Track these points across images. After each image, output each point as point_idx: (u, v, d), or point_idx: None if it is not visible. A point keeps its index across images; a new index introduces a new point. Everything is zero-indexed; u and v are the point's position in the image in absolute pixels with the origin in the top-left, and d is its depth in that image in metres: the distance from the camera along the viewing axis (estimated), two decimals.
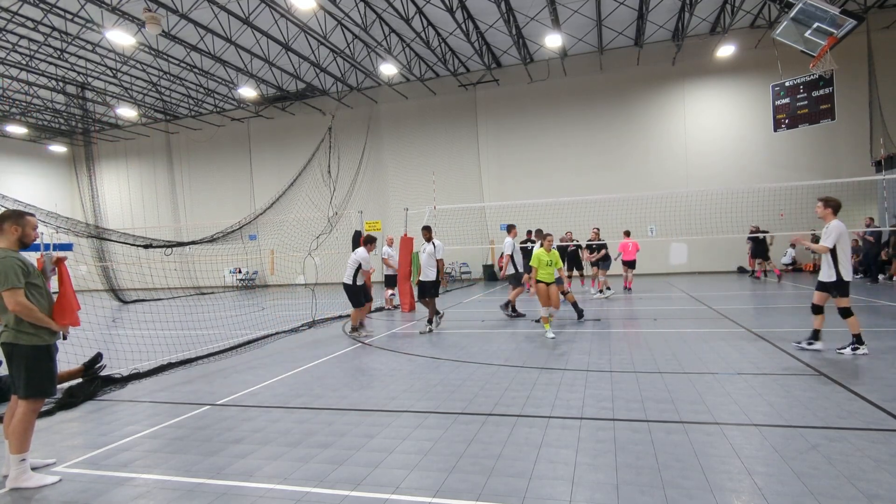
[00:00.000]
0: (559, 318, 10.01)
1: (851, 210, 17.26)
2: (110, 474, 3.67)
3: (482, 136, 23.36)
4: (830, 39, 9.01)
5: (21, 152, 28.43)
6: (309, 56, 20.17)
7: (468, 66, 22.53)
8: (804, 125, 11.15)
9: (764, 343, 6.97)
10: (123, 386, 6.20)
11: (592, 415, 4.40)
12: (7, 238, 3.67)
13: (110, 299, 19.01)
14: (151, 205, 28.74)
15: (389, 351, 7.72)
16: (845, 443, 3.57)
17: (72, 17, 15.74)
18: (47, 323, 3.62)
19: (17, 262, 3.57)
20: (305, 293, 12.86)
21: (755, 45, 19.42)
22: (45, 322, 3.60)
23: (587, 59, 21.51)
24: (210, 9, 16.26)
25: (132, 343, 8.70)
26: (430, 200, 17.06)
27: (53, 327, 3.66)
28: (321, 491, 3.22)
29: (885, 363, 5.61)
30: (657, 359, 6.30)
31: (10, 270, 3.50)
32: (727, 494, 2.96)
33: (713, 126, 20.70)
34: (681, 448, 3.61)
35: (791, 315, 9.31)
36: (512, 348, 7.37)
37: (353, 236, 13.06)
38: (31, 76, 20.83)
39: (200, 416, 4.89)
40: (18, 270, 3.53)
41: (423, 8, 17.18)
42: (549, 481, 3.21)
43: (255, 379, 6.28)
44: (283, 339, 9.22)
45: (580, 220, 16.66)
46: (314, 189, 21.70)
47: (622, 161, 21.47)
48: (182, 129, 27.92)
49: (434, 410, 4.72)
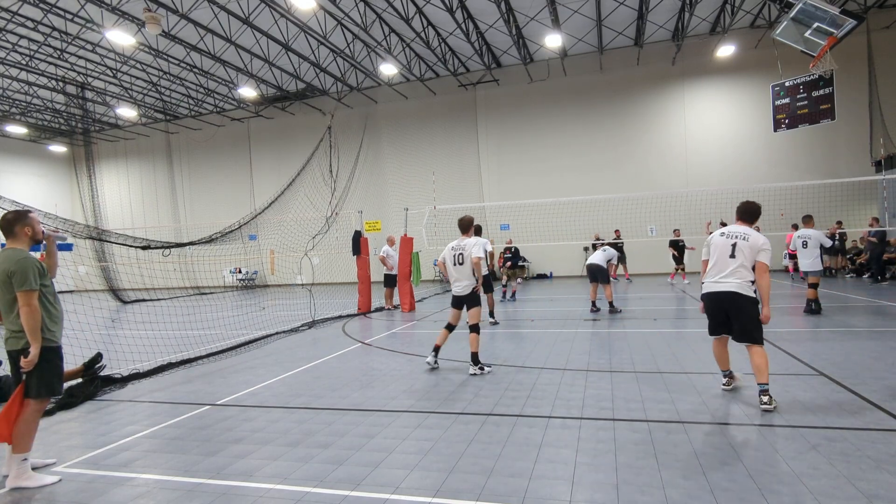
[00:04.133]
0: (567, 314, 10.00)
1: (851, 210, 17.29)
2: (110, 474, 3.66)
3: (482, 136, 23.36)
4: (830, 39, 9.01)
5: (21, 152, 28.42)
6: (309, 56, 20.17)
7: (468, 66, 22.52)
8: (804, 125, 11.16)
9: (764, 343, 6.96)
10: (123, 386, 6.19)
11: (592, 415, 4.40)
12: (20, 240, 3.70)
13: (110, 299, 19.00)
14: (151, 205, 28.73)
15: (389, 351, 7.72)
16: (845, 443, 3.57)
17: (72, 17, 15.73)
18: (35, 338, 3.51)
19: (36, 263, 3.61)
20: (305, 293, 12.84)
21: (755, 45, 19.42)
22: (36, 336, 3.51)
23: (587, 59, 21.50)
24: (210, 9, 16.26)
25: (132, 343, 8.70)
26: (430, 200, 17.06)
27: (34, 348, 3.51)
28: (321, 491, 3.22)
29: (884, 363, 5.61)
30: (657, 359, 6.29)
31: (31, 271, 3.53)
32: (727, 494, 2.95)
33: (713, 126, 20.69)
34: (681, 448, 3.61)
35: (791, 315, 9.31)
36: (512, 348, 7.37)
37: (354, 236, 13.06)
38: (31, 76, 20.82)
39: (200, 416, 4.89)
40: (37, 272, 3.57)
41: (423, 8, 17.17)
42: (549, 481, 3.21)
43: (255, 379, 6.28)
44: (283, 339, 9.21)
45: (580, 219, 16.67)
46: (314, 189, 21.69)
47: (622, 161, 21.47)
48: (182, 129, 27.91)
49: (434, 410, 4.72)
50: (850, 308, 9.88)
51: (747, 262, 4.48)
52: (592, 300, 10.77)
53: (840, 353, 6.15)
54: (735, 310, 4.50)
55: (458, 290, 6.32)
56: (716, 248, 4.66)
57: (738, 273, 4.48)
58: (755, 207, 4.74)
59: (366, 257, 13.09)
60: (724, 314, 4.59)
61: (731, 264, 4.50)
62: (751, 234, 4.54)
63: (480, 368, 5.99)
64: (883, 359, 5.80)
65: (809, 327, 8.07)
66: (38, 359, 3.53)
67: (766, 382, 4.27)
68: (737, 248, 4.50)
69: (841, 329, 7.78)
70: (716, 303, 4.62)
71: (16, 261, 3.53)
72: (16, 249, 3.64)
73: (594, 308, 10.67)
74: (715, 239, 4.70)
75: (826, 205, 15.70)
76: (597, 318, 10.02)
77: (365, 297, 12.60)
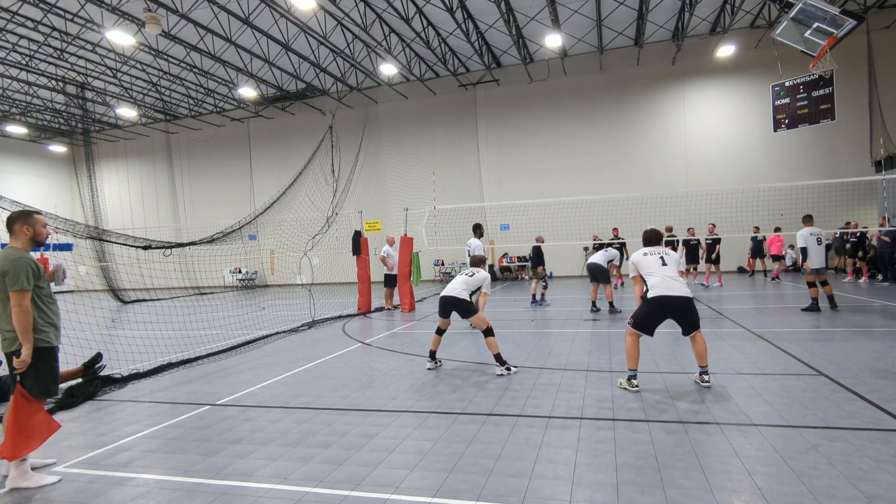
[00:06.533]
0: (568, 314, 10.00)
1: (852, 210, 17.28)
2: (110, 474, 3.66)
3: (482, 136, 23.36)
4: (830, 39, 9.00)
5: (21, 152, 28.43)
6: (309, 56, 20.18)
7: (468, 66, 22.53)
8: (804, 125, 11.14)
9: (764, 343, 6.97)
10: (123, 386, 6.19)
11: (592, 415, 4.40)
12: (20, 239, 3.69)
13: (110, 299, 19.00)
14: (151, 205, 28.74)
15: (389, 351, 7.72)
16: (845, 443, 3.57)
17: (72, 17, 15.73)
18: (27, 339, 3.51)
19: (31, 263, 3.59)
20: (305, 293, 12.85)
21: (755, 45, 19.42)
22: (27, 337, 3.51)
23: (587, 59, 21.51)
24: (210, 9, 16.26)
25: (132, 343, 8.70)
26: (430, 200, 17.05)
27: (26, 348, 3.51)
28: (321, 491, 3.22)
29: (885, 363, 5.61)
30: (657, 359, 6.29)
31: (23, 272, 3.51)
32: (727, 494, 2.95)
33: (713, 126, 20.70)
34: (681, 448, 3.61)
35: (791, 315, 9.31)
36: (512, 348, 7.37)
37: (353, 236, 13.06)
38: (31, 76, 20.83)
39: (200, 416, 4.89)
40: (30, 273, 3.55)
41: (423, 8, 17.18)
42: (549, 481, 3.21)
43: (255, 379, 6.28)
44: (282, 339, 9.21)
45: (580, 219, 16.67)
46: (314, 189, 21.69)
47: (622, 161, 21.47)
48: (182, 129, 27.92)
49: (434, 410, 4.72)
50: (849, 308, 9.88)
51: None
52: (593, 300, 10.77)
53: (840, 353, 6.15)
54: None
55: (450, 292, 6.31)
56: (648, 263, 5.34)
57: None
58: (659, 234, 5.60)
59: (366, 257, 13.09)
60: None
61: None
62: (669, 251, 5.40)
63: (507, 368, 5.95)
64: (883, 359, 5.80)
65: (809, 327, 8.07)
66: (30, 360, 3.53)
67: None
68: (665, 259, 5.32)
69: (841, 329, 7.78)
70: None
71: (10, 260, 3.53)
72: (13, 249, 3.64)
73: (594, 308, 10.67)
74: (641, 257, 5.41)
75: (826, 205, 15.69)
76: (597, 318, 10.01)
77: (365, 297, 12.60)
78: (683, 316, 5.04)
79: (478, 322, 6.18)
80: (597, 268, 10.61)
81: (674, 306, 5.02)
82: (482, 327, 6.13)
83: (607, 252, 11.00)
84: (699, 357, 5.08)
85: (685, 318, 5.04)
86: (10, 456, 3.47)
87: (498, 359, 5.99)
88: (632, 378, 5.07)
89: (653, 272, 5.19)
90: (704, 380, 5.05)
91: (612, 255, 11.07)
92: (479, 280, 6.44)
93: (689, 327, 5.06)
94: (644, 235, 5.59)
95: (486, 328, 6.11)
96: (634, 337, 5.14)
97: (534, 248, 12.94)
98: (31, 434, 3.55)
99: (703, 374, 5.08)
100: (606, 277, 10.67)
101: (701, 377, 5.08)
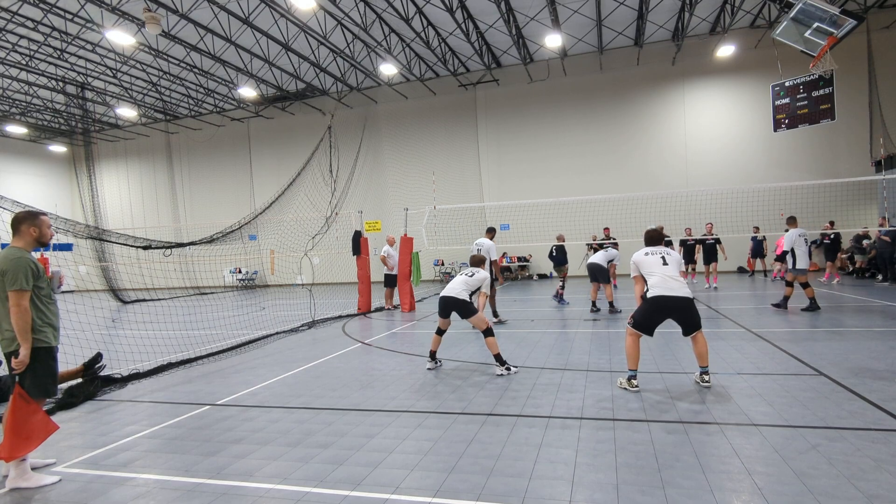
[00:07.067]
0: (568, 314, 9.99)
1: (852, 210, 17.29)
2: (110, 474, 3.66)
3: (482, 136, 23.36)
4: (830, 39, 9.00)
5: (21, 152, 28.43)
6: (309, 56, 20.17)
7: (468, 66, 22.52)
8: (804, 125, 11.14)
9: (764, 343, 6.97)
10: (123, 386, 6.19)
11: (592, 415, 4.40)
12: (24, 239, 3.70)
13: (110, 299, 19.00)
14: (151, 205, 28.73)
15: (389, 351, 7.72)
16: (845, 443, 3.57)
17: (72, 17, 15.73)
18: (25, 339, 3.51)
19: (31, 263, 3.60)
20: (305, 293, 12.85)
21: (755, 45, 19.41)
22: (25, 337, 3.51)
23: (587, 59, 21.51)
24: (210, 9, 16.26)
25: (132, 343, 8.70)
26: (430, 200, 17.05)
27: (24, 348, 3.51)
28: (321, 491, 3.22)
29: (884, 363, 5.61)
30: (657, 359, 6.29)
31: (22, 272, 3.51)
32: (727, 494, 2.95)
33: (713, 126, 20.69)
34: (681, 448, 3.60)
35: (791, 315, 9.31)
36: (512, 348, 7.37)
37: (354, 236, 13.06)
38: (31, 76, 20.82)
39: (200, 416, 4.89)
40: (29, 273, 3.55)
41: (423, 8, 17.17)
42: (549, 481, 3.21)
43: (255, 379, 6.28)
44: (282, 339, 9.21)
45: (580, 219, 16.66)
46: (314, 189, 21.69)
47: (622, 161, 21.47)
48: (182, 129, 27.91)
49: (434, 410, 4.72)
50: (849, 308, 9.88)
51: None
52: (593, 300, 10.77)
53: (840, 353, 6.14)
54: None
55: (450, 292, 6.29)
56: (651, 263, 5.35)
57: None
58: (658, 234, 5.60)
59: (366, 257, 13.09)
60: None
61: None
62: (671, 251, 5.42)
63: (507, 369, 5.93)
64: (883, 359, 5.80)
65: (809, 327, 8.07)
66: (28, 360, 3.53)
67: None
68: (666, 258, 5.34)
69: (841, 329, 7.78)
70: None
71: (10, 260, 3.53)
72: (15, 248, 3.64)
73: (594, 308, 10.67)
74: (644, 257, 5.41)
75: (826, 205, 15.69)
76: (597, 318, 10.01)
77: (365, 297, 12.60)
78: (684, 316, 5.03)
79: (477, 322, 6.18)
80: (597, 268, 10.61)
81: (674, 307, 5.01)
82: (482, 327, 6.13)
83: (608, 252, 11.00)
84: (700, 357, 5.07)
85: (685, 318, 5.03)
86: (8, 456, 3.47)
87: (498, 359, 5.98)
88: (632, 378, 5.07)
89: (653, 272, 5.18)
90: (705, 380, 5.05)
91: (613, 255, 11.08)
92: (478, 280, 6.44)
93: (690, 328, 5.05)
94: (646, 235, 5.57)
95: (486, 328, 6.10)
96: (634, 337, 5.13)
97: (557, 247, 13.13)
98: (28, 435, 3.55)
99: (703, 374, 5.08)
100: (606, 277, 10.67)
101: (701, 377, 5.09)
